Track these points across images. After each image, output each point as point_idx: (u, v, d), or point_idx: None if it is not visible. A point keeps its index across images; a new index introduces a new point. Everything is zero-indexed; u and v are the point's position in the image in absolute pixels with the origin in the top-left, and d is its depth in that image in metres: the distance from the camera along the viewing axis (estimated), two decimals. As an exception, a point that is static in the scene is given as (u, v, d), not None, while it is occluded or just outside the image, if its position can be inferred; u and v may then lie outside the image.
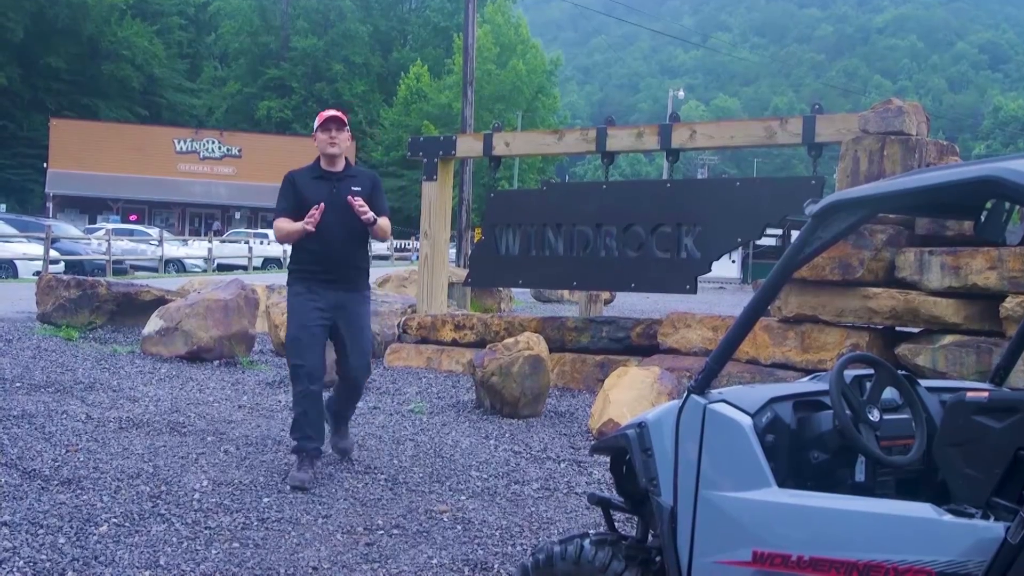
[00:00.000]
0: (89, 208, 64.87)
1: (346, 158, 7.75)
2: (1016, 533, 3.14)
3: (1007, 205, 3.86)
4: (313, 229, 7.30)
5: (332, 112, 7.68)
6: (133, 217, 62.01)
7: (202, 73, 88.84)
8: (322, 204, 7.34)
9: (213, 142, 70.43)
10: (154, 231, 47.60)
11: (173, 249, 44.26)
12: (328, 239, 7.44)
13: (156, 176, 66.21)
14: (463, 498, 7.74)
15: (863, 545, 3.48)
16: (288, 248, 8.01)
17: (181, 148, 69.41)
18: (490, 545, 6.68)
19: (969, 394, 3.74)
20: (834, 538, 3.56)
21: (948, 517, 3.37)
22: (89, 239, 40.41)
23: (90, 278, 17.63)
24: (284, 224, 7.57)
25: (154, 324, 14.00)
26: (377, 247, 62.33)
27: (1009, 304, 9.17)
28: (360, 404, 11.08)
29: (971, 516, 3.38)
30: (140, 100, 79.40)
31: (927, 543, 3.34)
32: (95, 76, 75.15)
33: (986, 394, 3.77)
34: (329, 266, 7.50)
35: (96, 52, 74.73)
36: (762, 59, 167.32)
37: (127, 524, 6.64)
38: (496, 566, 6.27)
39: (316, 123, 7.61)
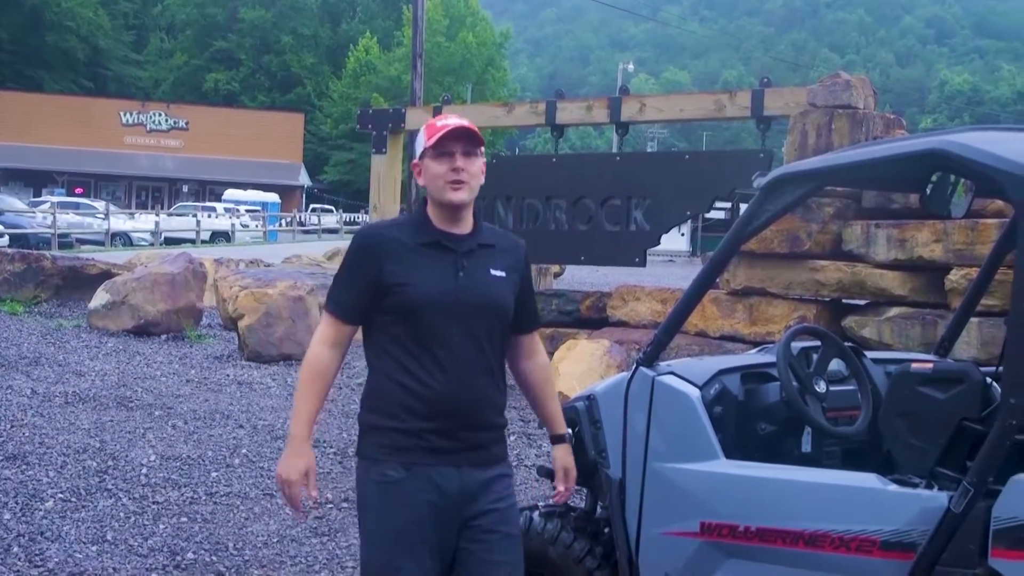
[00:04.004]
0: (34, 181, 64.05)
1: (474, 211, 3.72)
2: (959, 502, 3.19)
3: (952, 178, 3.91)
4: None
5: (455, 121, 3.61)
6: (79, 190, 61.21)
7: (148, 44, 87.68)
8: (310, 485, 3.52)
9: (160, 115, 69.64)
10: (100, 204, 47.09)
11: (120, 222, 43.81)
12: (448, 366, 3.54)
13: (102, 149, 65.38)
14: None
15: (809, 515, 3.51)
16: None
17: (127, 121, 68.60)
18: (440, 518, 6.68)
19: (914, 365, 3.78)
20: (781, 508, 3.59)
21: (893, 487, 3.41)
22: (34, 212, 39.94)
23: (35, 252, 17.43)
24: (311, 372, 3.59)
25: (100, 298, 13.88)
26: (325, 219, 61.88)
27: (954, 276, 9.26)
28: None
29: (915, 486, 3.43)
30: (85, 72, 78.31)
31: (872, 513, 3.39)
32: (39, 47, 73.98)
33: (931, 365, 3.82)
34: (448, 421, 3.53)
35: (39, 23, 73.54)
36: (712, 32, 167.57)
37: (73, 499, 6.60)
38: (446, 539, 6.27)
39: (422, 139, 3.64)
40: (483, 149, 3.67)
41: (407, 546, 3.49)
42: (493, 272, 3.63)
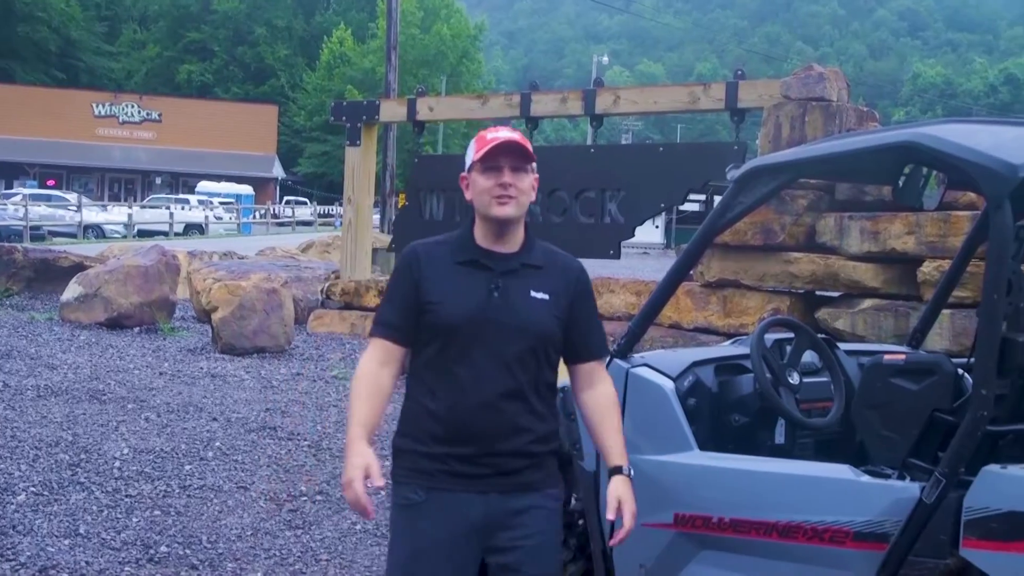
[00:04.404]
0: (5, 173, 63.54)
1: (526, 225, 3.51)
2: (931, 493, 3.20)
3: (924, 170, 3.92)
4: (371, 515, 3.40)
5: (506, 134, 3.46)
6: (51, 182, 60.87)
7: (121, 36, 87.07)
8: (373, 476, 3.27)
9: (132, 106, 69.26)
10: (72, 196, 46.82)
11: (92, 215, 43.56)
12: (468, 387, 3.36)
13: (74, 140, 64.94)
14: (387, 463, 7.72)
15: (783, 506, 3.53)
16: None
17: (100, 112, 68.18)
18: (414, 510, 6.67)
19: (886, 357, 3.80)
20: (754, 500, 3.60)
21: (865, 478, 3.43)
22: (5, 204, 39.70)
23: (6, 244, 17.33)
24: (362, 382, 3.40)
25: (73, 291, 13.81)
26: (299, 212, 61.70)
27: (926, 268, 9.31)
28: (283, 370, 11.04)
29: (888, 477, 3.45)
30: (57, 63, 77.72)
31: (845, 503, 3.40)
32: (9, 38, 73.38)
33: (903, 357, 3.84)
34: (469, 445, 3.36)
35: (10, 13, 72.91)
36: (686, 25, 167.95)
37: (46, 493, 6.56)
38: (420, 531, 6.27)
39: (471, 152, 3.48)
40: (534, 165, 3.48)
41: (428, 570, 3.33)
42: (534, 294, 3.40)
